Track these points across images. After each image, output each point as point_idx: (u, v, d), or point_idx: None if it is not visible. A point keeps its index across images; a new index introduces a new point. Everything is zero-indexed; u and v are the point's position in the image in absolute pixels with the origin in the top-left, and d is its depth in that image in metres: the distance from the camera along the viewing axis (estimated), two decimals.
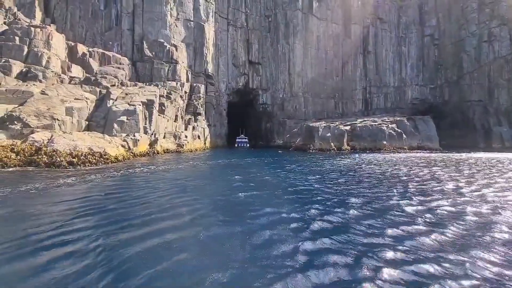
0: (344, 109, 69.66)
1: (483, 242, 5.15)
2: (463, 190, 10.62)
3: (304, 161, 25.64)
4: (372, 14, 70.15)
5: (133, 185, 12.05)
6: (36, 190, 10.18)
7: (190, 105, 46.15)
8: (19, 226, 5.82)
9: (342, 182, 13.11)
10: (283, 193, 10.13)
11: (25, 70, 29.29)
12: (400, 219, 6.61)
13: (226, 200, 9.12)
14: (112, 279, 3.70)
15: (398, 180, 13.43)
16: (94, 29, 41.36)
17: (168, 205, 8.04)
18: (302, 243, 5.03)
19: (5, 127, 23.69)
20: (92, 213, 7.07)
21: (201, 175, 17.38)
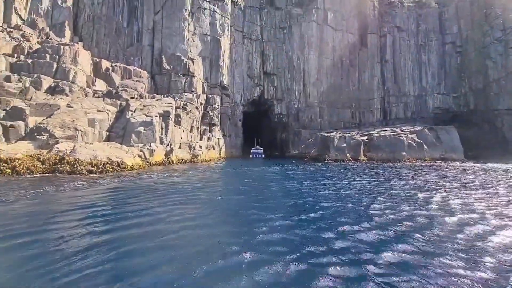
0: (361, 119, 68.18)
1: None
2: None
3: (317, 172, 25.20)
4: (389, 23, 69.23)
5: (132, 190, 12.43)
6: (54, 192, 10.92)
7: (205, 116, 47.20)
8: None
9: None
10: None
11: (54, 85, 31.47)
12: None
13: (222, 209, 9.16)
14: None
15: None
16: (117, 46, 44.00)
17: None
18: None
19: (33, 137, 25.41)
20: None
21: (205, 181, 17.64)
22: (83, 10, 42.66)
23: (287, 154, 61.56)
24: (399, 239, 6.09)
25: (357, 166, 32.81)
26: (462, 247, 5.65)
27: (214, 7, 51.66)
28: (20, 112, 26.09)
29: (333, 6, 67.33)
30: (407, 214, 8.55)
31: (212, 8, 51.28)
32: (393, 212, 8.78)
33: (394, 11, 70.18)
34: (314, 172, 25.21)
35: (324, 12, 66.14)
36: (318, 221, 7.63)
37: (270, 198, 11.73)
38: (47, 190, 12.52)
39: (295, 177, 20.89)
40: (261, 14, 63.57)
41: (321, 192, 13.15)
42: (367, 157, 43.51)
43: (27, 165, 21.18)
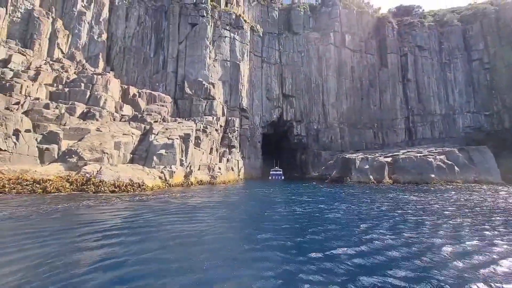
0: (384, 140, 65.88)
1: None
2: None
3: (336, 194, 24.21)
4: (410, 42, 68.51)
5: (137, 210, 12.60)
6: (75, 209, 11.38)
7: (225, 138, 48.08)
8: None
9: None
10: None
11: (86, 110, 33.98)
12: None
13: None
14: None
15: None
16: (144, 73, 47.25)
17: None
18: None
19: (65, 160, 27.13)
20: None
21: (209, 202, 17.50)
22: (116, 43, 46.88)
23: (307, 175, 60.28)
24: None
25: (382, 188, 31.19)
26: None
27: (234, 35, 54.43)
28: (55, 136, 28.19)
29: (350, 29, 68.32)
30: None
31: (232, 36, 54.06)
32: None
33: (414, 31, 69.62)
34: (331, 194, 24.28)
35: (342, 35, 67.14)
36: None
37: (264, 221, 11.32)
38: (63, 207, 13.21)
39: (310, 199, 20.20)
40: (279, 39, 65.83)
41: (331, 216, 12.52)
42: (392, 180, 41.33)
43: (57, 186, 22.47)
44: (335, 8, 69.01)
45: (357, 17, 70.32)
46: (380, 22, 71.62)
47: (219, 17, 53.59)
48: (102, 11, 45.60)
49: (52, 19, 40.07)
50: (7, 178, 22.54)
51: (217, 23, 52.81)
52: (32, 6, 38.83)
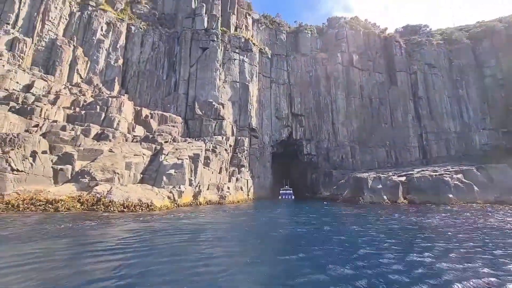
0: (398, 158, 64.20)
1: None
2: None
3: (344, 216, 23.35)
4: (419, 60, 68.59)
5: (135, 231, 12.45)
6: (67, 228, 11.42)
7: (234, 158, 48.19)
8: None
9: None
10: None
11: (100, 132, 35.13)
12: None
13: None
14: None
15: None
16: (157, 95, 49.00)
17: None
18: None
19: (77, 180, 27.74)
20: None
21: (221, 224, 17.12)
22: (131, 67, 49.30)
23: (318, 195, 58.86)
24: None
25: (396, 209, 29.91)
26: None
27: (243, 57, 56.24)
28: (69, 157, 29.07)
29: (357, 49, 69.38)
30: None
31: (241, 58, 55.87)
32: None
33: (422, 49, 69.90)
34: (340, 216, 23.45)
35: (349, 55, 68.13)
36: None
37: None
38: (66, 227, 13.44)
39: (315, 221, 19.53)
40: (288, 60, 67.44)
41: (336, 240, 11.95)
42: (407, 200, 39.72)
43: (68, 206, 22.85)
44: (341, 29, 70.72)
45: (364, 38, 71.57)
46: (387, 41, 72.52)
47: (229, 41, 55.81)
48: (119, 39, 48.52)
49: (73, 47, 42.83)
50: (22, 198, 23.15)
51: (227, 47, 54.92)
52: (56, 36, 41.79)
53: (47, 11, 41.05)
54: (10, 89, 33.83)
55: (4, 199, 22.69)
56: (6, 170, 24.20)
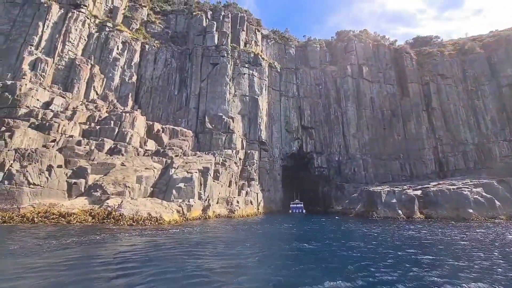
0: (412, 171, 62.15)
1: None
2: None
3: (355, 232, 22.47)
4: (431, 71, 67.57)
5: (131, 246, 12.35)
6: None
7: (244, 171, 48.09)
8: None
9: None
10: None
11: (113, 146, 36.06)
12: None
13: None
14: None
15: None
16: (168, 110, 50.24)
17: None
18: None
19: (90, 193, 28.31)
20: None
21: (224, 239, 16.73)
22: (144, 83, 51.08)
23: (330, 209, 57.41)
24: None
25: (412, 225, 28.61)
26: None
27: (253, 72, 57.21)
28: (83, 171, 29.83)
29: (367, 61, 69.26)
30: None
31: (251, 72, 56.85)
32: None
33: (434, 60, 68.97)
34: (350, 232, 22.60)
35: (359, 67, 68.03)
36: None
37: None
38: (72, 241, 13.63)
39: (322, 238, 18.87)
40: (297, 73, 68.04)
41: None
42: (424, 215, 38.03)
43: (80, 220, 23.24)
44: (350, 42, 71.10)
45: (373, 50, 71.55)
46: (397, 53, 72.16)
47: (239, 56, 57.11)
48: (133, 57, 50.65)
49: (91, 66, 44.97)
50: (37, 211, 23.78)
51: (236, 62, 56.16)
52: (75, 55, 44.12)
53: (68, 32, 43.59)
54: (31, 106, 35.56)
55: (20, 212, 23.39)
56: (23, 184, 25.06)
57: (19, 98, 34.36)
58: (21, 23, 41.08)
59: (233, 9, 65.94)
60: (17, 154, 26.85)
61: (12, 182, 24.65)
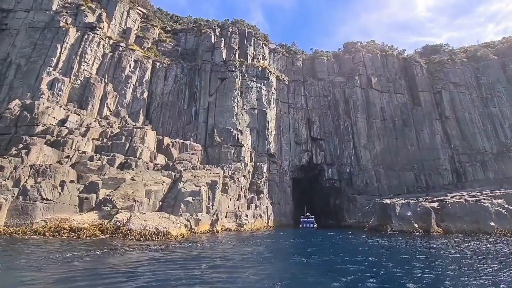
0: (428, 182, 59.88)
1: None
2: None
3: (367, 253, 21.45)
4: (442, 79, 66.31)
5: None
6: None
7: (253, 184, 47.73)
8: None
9: None
10: None
11: (124, 161, 36.79)
12: None
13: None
14: None
15: None
16: (178, 124, 51.21)
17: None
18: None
19: (100, 208, 28.69)
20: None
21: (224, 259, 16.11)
22: (155, 99, 52.63)
23: (343, 223, 55.69)
24: None
25: (430, 240, 27.19)
26: None
27: (261, 85, 57.91)
28: (94, 186, 30.41)
29: (375, 71, 68.88)
30: None
31: (259, 86, 57.56)
32: None
33: (445, 68, 67.82)
34: (361, 249, 21.62)
35: (367, 78, 67.65)
36: None
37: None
38: (74, 255, 13.74)
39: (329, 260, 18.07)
40: (305, 85, 68.31)
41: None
42: (442, 229, 36.17)
43: (89, 234, 23.47)
44: (358, 53, 71.19)
45: (381, 60, 71.26)
46: (407, 62, 71.51)
47: (246, 70, 58.12)
48: (145, 74, 52.51)
49: (104, 84, 46.84)
50: (49, 226, 24.24)
51: (244, 76, 57.11)
52: (90, 74, 46.19)
53: (83, 53, 45.90)
54: (47, 124, 37.09)
55: (33, 227, 23.92)
56: (37, 199, 25.75)
57: (37, 116, 35.96)
58: (41, 46, 43.65)
59: (241, 25, 67.84)
60: (32, 170, 27.78)
61: (27, 197, 25.39)
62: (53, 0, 47.72)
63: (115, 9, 54.81)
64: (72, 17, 47.89)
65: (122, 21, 56.61)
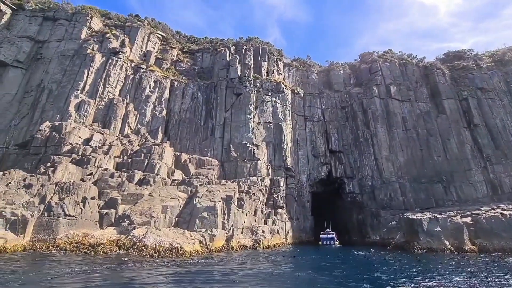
0: (459, 195, 55.55)
1: None
2: None
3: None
4: (468, 86, 62.94)
5: None
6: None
7: (270, 199, 46.97)
8: None
9: None
10: None
11: (143, 177, 37.85)
12: None
13: None
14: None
15: None
16: (195, 140, 52.33)
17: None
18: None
19: (118, 224, 29.38)
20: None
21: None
22: (173, 117, 54.55)
23: (367, 239, 52.60)
24: None
25: (464, 261, 24.79)
26: None
27: (276, 99, 58.20)
28: (114, 202, 31.38)
29: (394, 80, 66.98)
30: None
31: (274, 100, 57.86)
32: None
33: (471, 74, 64.52)
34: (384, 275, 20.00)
35: (386, 87, 65.86)
36: None
37: None
38: (83, 269, 13.72)
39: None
40: (321, 98, 67.67)
41: None
42: (476, 246, 32.99)
43: (106, 250, 23.94)
44: (375, 63, 69.93)
45: (400, 68, 69.34)
46: (428, 70, 68.95)
47: (261, 85, 58.88)
48: (163, 93, 54.91)
49: (126, 104, 49.45)
50: (70, 242, 25.11)
51: (259, 91, 57.83)
52: (113, 96, 49.08)
53: (108, 76, 49.09)
54: (73, 143, 39.39)
55: (56, 242, 24.89)
56: (60, 215, 26.92)
57: (64, 136, 38.37)
58: (70, 72, 47.33)
59: (255, 42, 69.61)
60: (57, 187, 29.28)
61: (51, 213, 26.64)
62: (82, 30, 52.11)
63: (137, 35, 58.69)
64: (98, 44, 51.80)
65: (143, 45, 60.32)
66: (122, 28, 59.16)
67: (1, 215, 24.40)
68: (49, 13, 53.32)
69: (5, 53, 46.87)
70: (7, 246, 22.30)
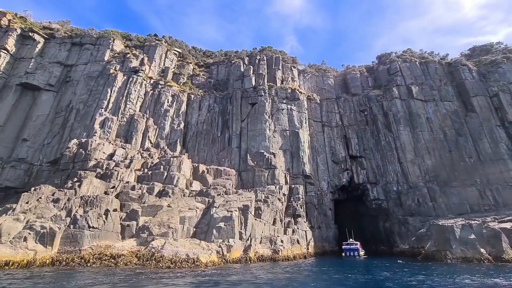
0: (497, 199, 50.88)
1: None
2: None
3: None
4: (498, 81, 58.63)
5: None
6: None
7: (289, 207, 46.03)
8: None
9: None
10: None
11: (162, 189, 38.81)
12: None
13: None
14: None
15: None
16: (212, 151, 53.09)
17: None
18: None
19: (138, 235, 30.12)
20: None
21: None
22: (190, 129, 55.95)
23: (395, 249, 49.43)
24: None
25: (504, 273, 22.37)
26: None
27: (291, 106, 57.84)
28: (135, 214, 32.35)
29: (416, 80, 64.12)
30: None
31: (289, 107, 57.53)
32: None
33: (500, 68, 60.24)
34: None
35: (407, 87, 63.15)
36: None
37: None
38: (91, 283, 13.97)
39: None
40: (338, 102, 66.26)
41: None
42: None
43: (126, 261, 24.56)
44: (393, 64, 67.61)
45: (421, 67, 66.37)
46: (452, 67, 65.35)
47: (276, 93, 58.93)
48: (181, 106, 56.71)
49: (146, 119, 51.60)
50: (93, 253, 26.07)
51: (274, 99, 57.86)
52: (134, 112, 51.48)
53: (129, 94, 51.74)
54: (98, 158, 41.50)
55: (81, 254, 25.96)
56: (84, 228, 28.14)
57: (90, 152, 40.60)
58: (95, 91, 50.50)
59: (268, 52, 70.28)
60: (82, 200, 30.79)
61: (76, 226, 27.93)
62: (105, 53, 55.77)
63: (155, 53, 61.69)
64: (120, 64, 55.01)
65: (161, 62, 63.17)
66: (142, 48, 62.52)
67: (32, 228, 26.03)
68: (76, 39, 57.82)
69: (39, 78, 51.19)
70: (37, 258, 23.60)
